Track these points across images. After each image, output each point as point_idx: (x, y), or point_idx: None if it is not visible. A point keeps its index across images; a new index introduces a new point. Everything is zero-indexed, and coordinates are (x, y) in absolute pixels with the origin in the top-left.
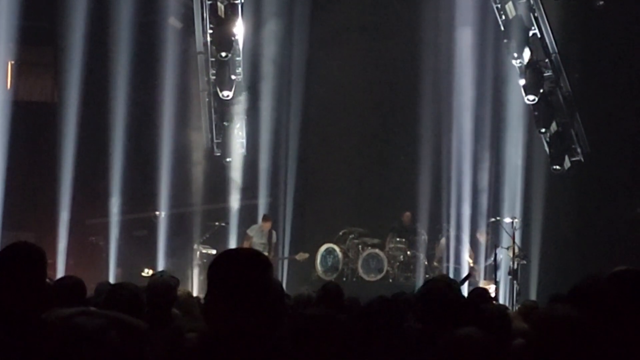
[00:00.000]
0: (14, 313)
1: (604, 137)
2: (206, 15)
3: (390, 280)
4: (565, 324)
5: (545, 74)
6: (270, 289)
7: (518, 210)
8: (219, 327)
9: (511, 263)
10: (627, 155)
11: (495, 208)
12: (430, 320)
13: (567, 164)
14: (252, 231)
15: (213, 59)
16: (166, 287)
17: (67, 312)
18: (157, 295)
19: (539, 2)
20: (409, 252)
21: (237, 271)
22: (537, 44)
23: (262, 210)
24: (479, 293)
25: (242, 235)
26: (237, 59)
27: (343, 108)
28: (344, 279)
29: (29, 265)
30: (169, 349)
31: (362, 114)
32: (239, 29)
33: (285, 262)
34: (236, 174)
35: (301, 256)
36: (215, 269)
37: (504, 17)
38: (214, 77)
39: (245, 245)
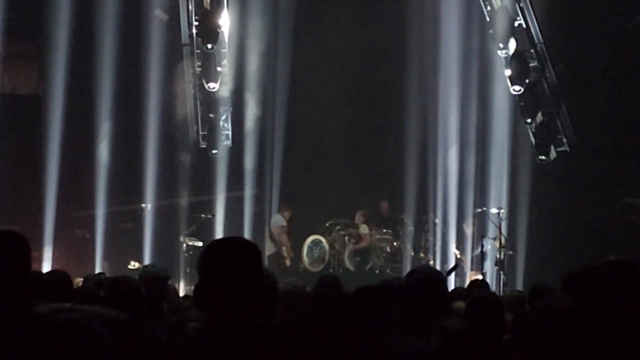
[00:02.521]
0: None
1: (589, 127)
2: (191, 7)
3: (377, 272)
4: (565, 315)
5: (530, 65)
6: (263, 277)
7: (504, 201)
8: (213, 316)
9: (498, 253)
10: (612, 144)
11: (481, 198)
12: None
13: (552, 154)
14: (284, 222)
15: (198, 51)
16: (157, 279)
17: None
18: (149, 287)
19: None
20: (395, 244)
21: (229, 260)
22: (522, 35)
23: (248, 202)
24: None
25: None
26: (223, 50)
27: (328, 100)
28: (331, 270)
29: (12, 253)
30: (171, 339)
31: (348, 106)
32: (225, 21)
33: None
34: (222, 165)
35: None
36: (207, 258)
37: (489, 7)
38: (199, 69)
39: (285, 237)
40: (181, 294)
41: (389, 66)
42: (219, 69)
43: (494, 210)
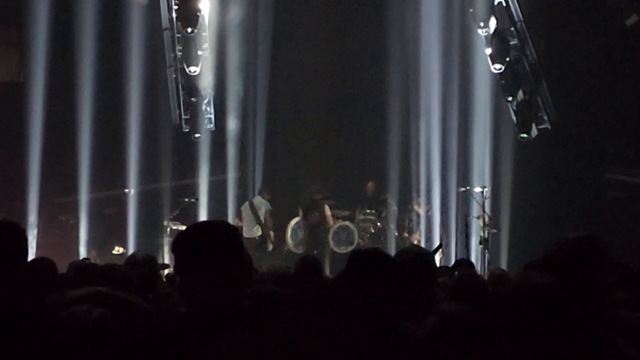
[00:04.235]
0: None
1: (570, 104)
2: None
3: None
4: (540, 291)
5: (511, 43)
6: (244, 260)
7: (487, 179)
8: (194, 300)
9: (482, 232)
10: (593, 121)
11: (464, 177)
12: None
13: (534, 132)
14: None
15: (179, 35)
16: (146, 265)
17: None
18: (137, 273)
19: None
20: (379, 224)
21: (210, 243)
22: (502, 13)
23: (231, 186)
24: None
25: (235, 215)
26: (203, 34)
27: (310, 82)
28: (315, 251)
29: (11, 243)
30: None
31: (330, 87)
32: (204, 4)
33: None
34: (205, 149)
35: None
36: (186, 243)
37: None
38: (180, 53)
39: (271, 221)
40: None
41: (371, 46)
42: (200, 52)
43: (477, 189)
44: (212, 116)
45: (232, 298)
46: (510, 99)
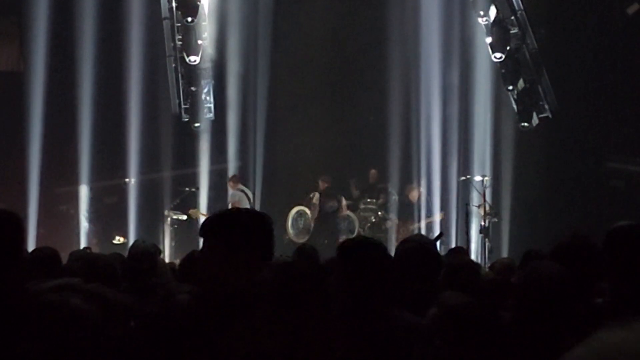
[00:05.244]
0: None
1: (571, 92)
2: None
3: None
4: (553, 282)
5: (511, 31)
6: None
7: (488, 168)
8: (217, 284)
9: (482, 221)
10: (594, 110)
11: (465, 166)
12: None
13: (535, 120)
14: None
15: (179, 24)
16: (147, 254)
17: (49, 286)
18: (138, 262)
19: None
20: (380, 213)
21: (242, 229)
22: (502, 2)
23: (231, 175)
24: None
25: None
26: (203, 23)
27: (311, 69)
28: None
29: (8, 233)
30: (161, 313)
31: (331, 74)
32: None
33: None
34: (205, 139)
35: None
36: (216, 227)
37: None
38: (180, 43)
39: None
40: None
41: (371, 35)
42: (199, 41)
43: (477, 178)
44: (212, 105)
45: (251, 283)
46: (510, 87)
